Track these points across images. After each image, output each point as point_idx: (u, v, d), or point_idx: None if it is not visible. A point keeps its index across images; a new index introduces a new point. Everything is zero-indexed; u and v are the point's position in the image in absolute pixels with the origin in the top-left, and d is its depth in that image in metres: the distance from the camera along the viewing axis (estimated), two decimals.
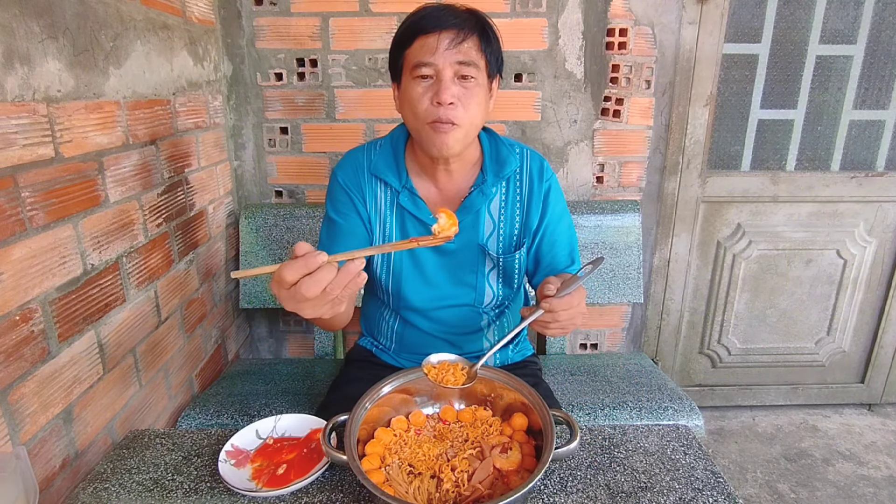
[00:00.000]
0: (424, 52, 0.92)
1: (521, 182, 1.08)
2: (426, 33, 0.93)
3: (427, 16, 0.94)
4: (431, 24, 0.92)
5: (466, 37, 0.93)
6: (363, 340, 1.26)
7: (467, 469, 0.76)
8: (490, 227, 1.07)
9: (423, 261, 1.07)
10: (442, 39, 0.91)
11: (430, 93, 0.94)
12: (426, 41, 0.92)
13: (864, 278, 2.00)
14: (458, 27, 0.92)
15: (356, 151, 1.11)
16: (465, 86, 0.94)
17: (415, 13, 0.97)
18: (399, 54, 0.97)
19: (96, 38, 1.04)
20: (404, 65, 0.97)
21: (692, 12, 1.70)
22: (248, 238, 1.70)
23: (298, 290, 0.63)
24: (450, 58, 0.92)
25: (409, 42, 0.95)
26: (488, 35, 0.96)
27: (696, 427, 1.39)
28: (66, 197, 0.96)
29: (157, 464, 0.86)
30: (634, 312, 2.00)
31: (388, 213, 1.07)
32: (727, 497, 0.77)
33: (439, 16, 0.93)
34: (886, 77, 1.82)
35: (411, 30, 0.94)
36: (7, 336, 0.83)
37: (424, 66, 0.92)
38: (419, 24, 0.94)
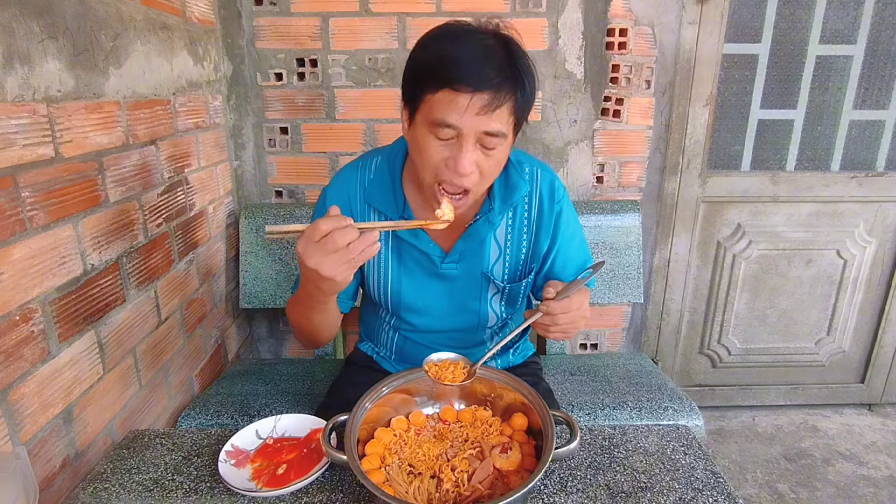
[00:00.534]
0: (450, 110, 0.78)
1: (529, 205, 1.00)
2: (457, 89, 0.77)
3: (462, 64, 0.77)
4: (465, 80, 0.77)
5: (502, 103, 0.79)
6: (363, 345, 1.24)
7: (467, 469, 0.76)
8: (496, 254, 1.01)
9: (423, 288, 1.03)
10: (474, 103, 0.77)
11: (446, 152, 0.82)
12: (455, 99, 0.78)
13: (864, 278, 2.00)
14: (495, 89, 0.77)
15: (349, 172, 1.02)
16: (487, 152, 0.83)
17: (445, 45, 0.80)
18: (418, 90, 0.82)
19: (96, 38, 1.04)
20: (421, 106, 0.82)
21: (692, 12, 1.70)
22: (248, 238, 1.70)
23: (330, 239, 0.70)
24: (478, 125, 0.79)
25: (432, 87, 0.79)
26: (525, 91, 0.82)
27: (696, 427, 1.39)
28: (66, 197, 0.96)
29: (157, 464, 0.86)
30: (634, 312, 2.00)
31: (384, 243, 1.00)
32: (727, 497, 0.77)
33: (478, 71, 0.77)
34: (886, 77, 1.82)
35: (440, 75, 0.78)
36: (7, 336, 0.83)
37: (447, 127, 0.80)
38: (451, 72, 0.77)
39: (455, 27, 0.82)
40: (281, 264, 1.70)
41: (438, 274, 1.01)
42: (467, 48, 0.79)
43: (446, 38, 0.81)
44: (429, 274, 1.01)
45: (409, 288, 1.03)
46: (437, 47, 0.81)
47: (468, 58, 0.78)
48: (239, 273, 1.71)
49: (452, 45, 0.79)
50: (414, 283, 1.02)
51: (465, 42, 0.80)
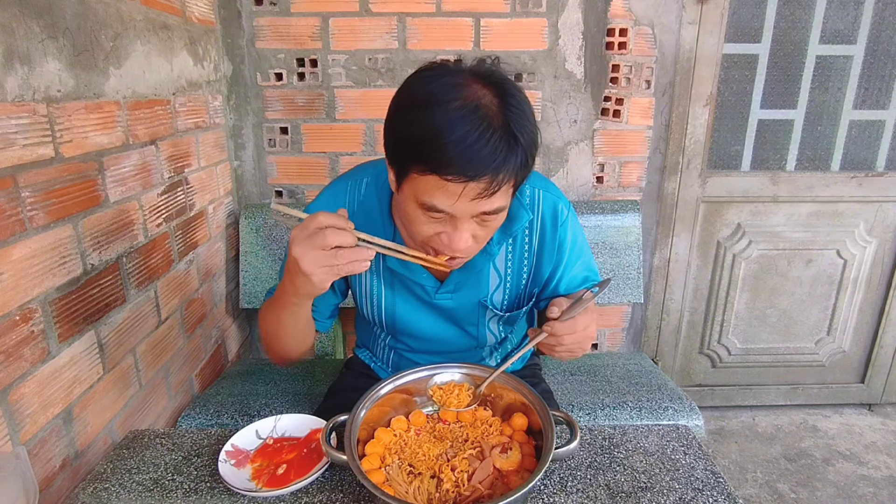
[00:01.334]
0: (438, 196, 0.69)
1: (531, 232, 0.93)
2: (447, 178, 0.66)
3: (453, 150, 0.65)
4: (457, 170, 0.65)
5: (501, 184, 0.68)
6: (361, 352, 1.20)
7: (467, 469, 0.76)
8: (496, 282, 0.95)
9: (418, 313, 0.98)
10: (468, 191, 0.68)
11: (437, 227, 0.75)
12: (446, 187, 0.67)
13: (864, 278, 2.00)
14: (492, 174, 0.66)
15: (338, 192, 0.93)
16: (485, 224, 0.76)
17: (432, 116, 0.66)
18: (403, 163, 0.71)
19: (96, 38, 1.04)
20: (407, 181, 0.72)
21: (692, 12, 1.70)
22: (248, 238, 1.70)
23: (323, 234, 0.68)
24: (473, 209, 0.71)
25: (418, 168, 0.68)
26: (527, 160, 0.70)
27: (696, 427, 1.39)
28: (66, 197, 0.96)
29: (157, 464, 0.86)
30: (634, 312, 2.00)
31: (375, 274, 0.95)
32: (727, 497, 0.77)
33: (470, 156, 0.65)
34: (886, 77, 1.82)
35: (427, 158, 0.67)
36: (7, 336, 0.83)
37: (436, 211, 0.72)
38: (440, 159, 0.66)
39: (439, 82, 0.68)
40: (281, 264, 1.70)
41: (434, 303, 0.96)
42: (458, 124, 0.65)
43: (431, 105, 0.67)
44: (423, 301, 0.97)
45: (403, 313, 0.98)
46: (422, 118, 0.67)
47: (459, 140, 0.65)
48: (239, 273, 1.71)
49: (439, 119, 0.65)
50: (408, 308, 0.98)
51: (453, 113, 0.65)
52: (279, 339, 0.92)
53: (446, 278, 0.93)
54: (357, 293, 1.01)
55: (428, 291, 0.95)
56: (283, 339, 0.92)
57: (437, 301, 0.96)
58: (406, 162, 0.71)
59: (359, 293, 1.00)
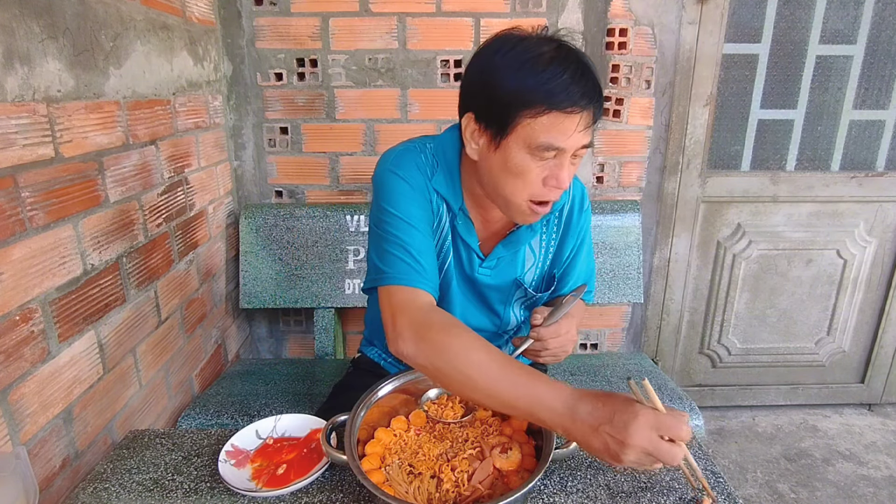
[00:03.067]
0: (557, 133, 0.78)
1: (560, 214, 1.01)
2: (565, 111, 0.76)
3: (567, 88, 0.76)
4: (572, 102, 0.76)
5: (600, 114, 0.81)
6: (370, 350, 1.20)
7: (467, 469, 0.76)
8: (531, 261, 1.01)
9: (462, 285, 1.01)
10: (582, 122, 0.78)
11: (545, 171, 0.82)
12: (563, 122, 0.77)
13: (864, 278, 2.00)
14: (596, 104, 0.79)
15: (413, 152, 0.94)
16: (574, 161, 0.84)
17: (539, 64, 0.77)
18: (511, 115, 0.79)
19: (96, 38, 1.04)
20: (516, 130, 0.79)
21: (692, 12, 1.70)
22: (248, 238, 1.70)
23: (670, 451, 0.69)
24: (579, 141, 0.80)
25: (534, 111, 0.77)
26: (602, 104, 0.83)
27: (696, 427, 1.39)
28: (66, 197, 0.96)
29: (157, 464, 0.86)
30: (634, 312, 2.00)
31: (448, 230, 0.97)
32: (727, 497, 0.77)
33: (582, 91, 0.76)
34: (886, 77, 1.82)
35: (546, 99, 0.76)
36: (7, 336, 0.83)
37: (553, 149, 0.79)
38: (558, 96, 0.76)
39: (527, 42, 0.79)
40: (281, 264, 1.70)
41: (473, 276, 0.99)
42: (563, 66, 0.76)
43: (531, 59, 0.77)
44: (464, 275, 1.00)
45: (453, 286, 1.01)
46: (529, 69, 0.77)
47: (571, 77, 0.76)
48: (239, 273, 1.71)
49: (546, 64, 0.76)
50: (456, 280, 1.01)
51: (553, 59, 0.77)
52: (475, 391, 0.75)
53: (490, 253, 0.98)
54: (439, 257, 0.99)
55: (473, 262, 0.98)
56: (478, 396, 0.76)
57: (478, 275, 0.99)
58: (516, 113, 0.78)
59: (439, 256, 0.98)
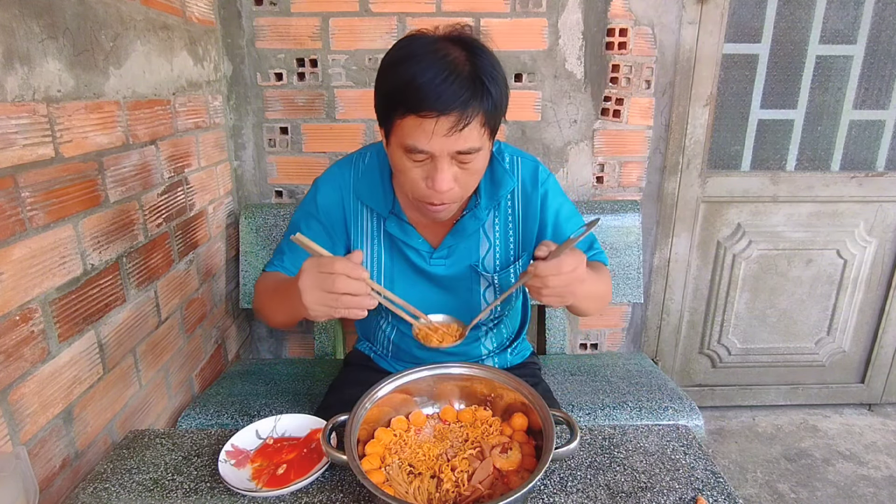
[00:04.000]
0: (417, 135, 0.78)
1: (513, 198, 1.01)
2: (421, 115, 0.76)
3: (423, 88, 0.75)
4: (429, 105, 0.75)
5: (469, 120, 0.77)
6: (361, 345, 1.24)
7: (467, 469, 0.76)
8: (486, 247, 1.02)
9: (415, 284, 1.03)
10: (440, 126, 0.76)
11: (423, 172, 0.83)
12: (421, 123, 0.76)
13: (864, 278, 2.00)
14: (461, 109, 0.75)
15: (341, 167, 1.02)
16: (464, 166, 0.82)
17: (406, 64, 0.77)
18: (387, 115, 0.81)
19: (96, 38, 1.04)
20: (393, 131, 0.82)
21: (692, 12, 1.70)
22: (248, 238, 1.70)
23: (333, 279, 0.72)
24: (448, 146, 0.78)
25: (398, 113, 0.78)
26: (494, 101, 0.79)
27: (696, 427, 1.39)
28: (66, 197, 0.96)
29: (157, 464, 0.86)
30: (634, 312, 2.00)
31: (375, 237, 1.01)
32: (727, 497, 0.77)
33: (440, 92, 0.74)
34: (886, 77, 1.82)
35: (403, 101, 0.77)
36: (7, 336, 0.83)
37: (418, 152, 0.79)
38: (413, 97, 0.76)
39: (415, 43, 0.80)
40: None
41: (429, 269, 1.01)
42: (428, 69, 0.76)
43: (407, 60, 0.78)
44: (419, 271, 1.02)
45: (402, 285, 1.03)
46: (399, 71, 0.78)
47: (429, 80, 0.75)
48: (239, 273, 1.71)
49: (413, 68, 0.76)
50: (406, 280, 1.03)
51: (425, 62, 0.76)
52: (274, 316, 0.98)
53: (440, 244, 1.00)
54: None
55: (423, 256, 1.00)
56: (278, 318, 0.97)
57: (433, 266, 1.01)
58: (390, 113, 0.80)
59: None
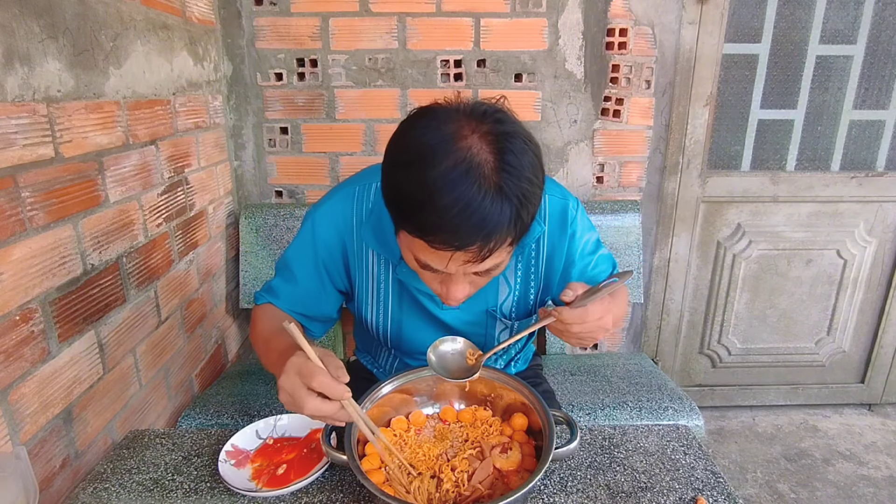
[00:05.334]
0: (430, 257, 0.68)
1: (538, 244, 0.91)
2: (434, 246, 0.64)
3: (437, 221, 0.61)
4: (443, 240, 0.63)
5: (494, 249, 0.65)
6: (363, 357, 1.18)
7: (467, 469, 0.76)
8: (505, 292, 0.93)
9: (425, 323, 0.96)
10: (457, 258, 0.65)
11: (437, 277, 0.74)
12: (436, 252, 0.65)
13: (864, 278, 2.00)
14: (483, 242, 0.62)
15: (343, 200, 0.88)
16: (484, 276, 0.75)
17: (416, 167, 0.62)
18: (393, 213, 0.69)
19: (96, 38, 1.04)
20: (402, 232, 0.70)
21: (692, 12, 1.70)
22: (248, 238, 1.70)
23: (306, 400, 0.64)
24: (466, 269, 0.69)
25: (408, 228, 0.66)
26: (524, 222, 0.65)
27: (696, 427, 1.39)
28: (66, 197, 0.96)
29: (157, 464, 0.86)
30: (634, 312, 2.00)
31: (384, 281, 0.92)
32: (727, 497, 0.77)
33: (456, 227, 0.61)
34: (886, 77, 1.82)
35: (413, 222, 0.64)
36: (7, 336, 0.83)
37: (433, 270, 0.71)
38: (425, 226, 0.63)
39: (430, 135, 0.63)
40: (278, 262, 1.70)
41: (440, 315, 0.94)
42: (447, 189, 0.60)
43: (419, 163, 0.62)
44: (429, 316, 0.95)
45: (409, 328, 0.97)
46: (412, 178, 0.63)
47: (446, 208, 0.60)
48: (239, 273, 1.71)
49: (429, 182, 0.61)
50: (414, 325, 0.96)
51: (445, 176, 0.60)
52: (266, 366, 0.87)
53: None
54: (364, 308, 0.96)
55: (436, 301, 0.92)
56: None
57: (445, 312, 0.94)
58: (398, 219, 0.69)
59: (366, 308, 0.96)
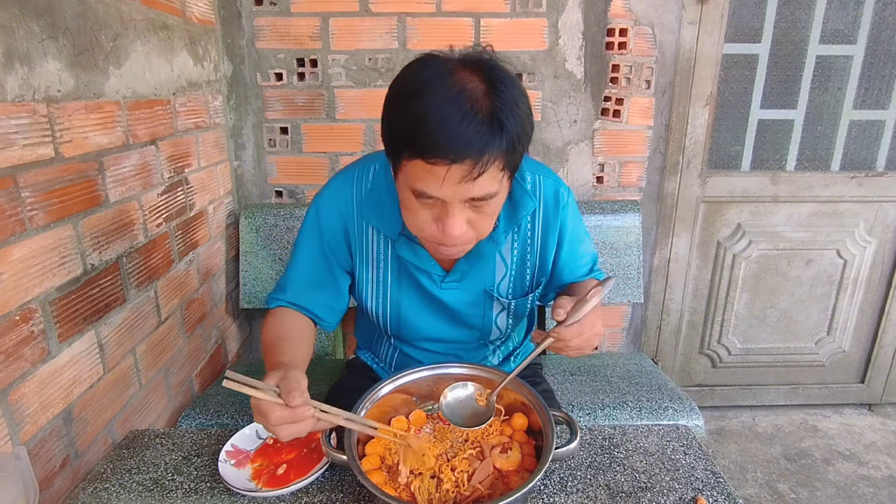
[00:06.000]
0: (426, 180, 0.70)
1: (533, 220, 0.93)
2: (430, 161, 0.67)
3: (434, 133, 0.66)
4: (439, 152, 0.66)
5: (486, 167, 0.68)
6: (363, 354, 1.19)
7: (467, 469, 0.76)
8: (502, 272, 0.95)
9: (424, 304, 0.97)
10: (452, 174, 0.68)
11: (433, 214, 0.76)
12: (431, 171, 0.68)
13: (864, 278, 2.00)
14: (476, 157, 0.67)
15: (343, 183, 0.93)
16: (478, 210, 0.75)
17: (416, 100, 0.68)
18: (394, 151, 0.73)
19: (96, 38, 1.04)
20: (400, 169, 0.74)
21: (692, 12, 1.70)
22: (248, 238, 1.70)
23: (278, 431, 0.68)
24: (461, 193, 0.71)
25: (406, 154, 0.70)
26: (514, 143, 0.70)
27: (696, 427, 1.39)
28: (66, 197, 0.96)
29: (157, 464, 0.86)
30: (634, 312, 2.00)
31: (383, 260, 0.95)
32: (727, 497, 0.77)
33: (453, 138, 0.66)
34: (886, 77, 1.82)
35: (411, 143, 0.69)
36: (7, 336, 0.83)
37: (427, 197, 0.72)
38: (422, 141, 0.67)
39: (427, 71, 0.71)
40: (281, 264, 1.70)
41: (439, 295, 0.95)
42: (440, 107, 0.67)
43: (417, 94, 0.69)
44: (428, 296, 0.96)
45: (409, 309, 0.98)
46: (409, 106, 0.69)
47: (441, 123, 0.66)
48: (239, 273, 1.71)
49: (424, 105, 0.67)
50: (413, 303, 0.97)
51: (437, 97, 0.67)
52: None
53: (453, 267, 0.93)
54: (364, 290, 0.98)
55: (434, 280, 0.94)
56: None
57: (444, 291, 0.95)
58: (398, 150, 0.72)
59: (366, 290, 0.98)
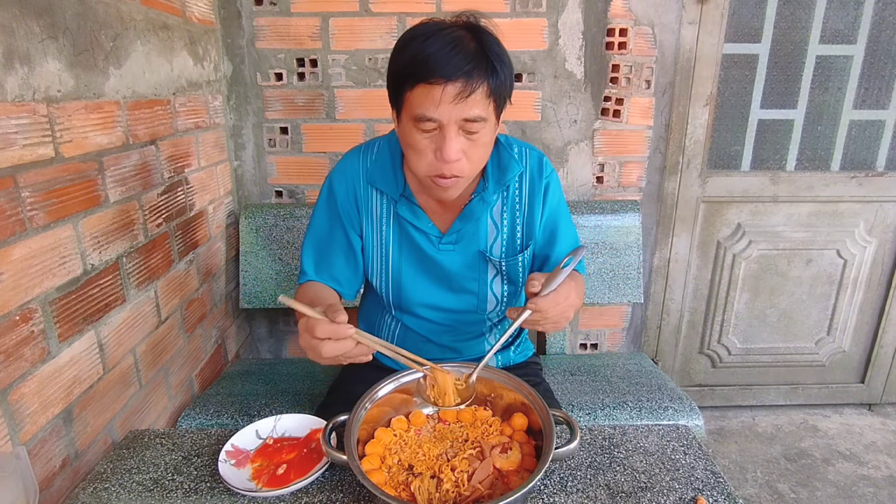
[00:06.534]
0: (427, 104, 0.83)
1: (521, 183, 1.04)
2: (429, 82, 0.82)
3: (431, 59, 0.81)
4: (436, 73, 0.81)
5: (475, 88, 0.82)
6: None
7: (467, 469, 0.76)
8: (493, 233, 1.04)
9: (423, 268, 1.06)
10: (447, 92, 0.81)
11: (432, 144, 0.87)
12: (429, 91, 0.82)
13: (864, 278, 2.00)
14: (466, 77, 0.81)
15: (352, 156, 1.07)
16: (471, 137, 0.87)
17: (415, 41, 0.84)
18: (399, 90, 0.87)
19: (96, 38, 1.04)
20: (404, 105, 0.87)
21: (692, 12, 1.70)
22: (248, 238, 1.70)
23: (321, 347, 0.74)
24: (455, 113, 0.83)
25: (409, 84, 0.84)
26: (498, 74, 0.85)
27: (696, 427, 1.39)
28: (66, 197, 0.96)
29: (157, 464, 0.86)
30: (634, 312, 2.00)
31: (385, 222, 1.05)
32: (727, 497, 0.77)
33: (446, 61, 0.81)
34: (886, 77, 1.82)
35: (414, 72, 0.83)
36: (7, 336, 0.83)
37: (427, 120, 0.84)
38: (421, 68, 0.82)
39: (427, 25, 0.86)
40: (281, 264, 1.70)
41: (437, 255, 1.04)
42: (437, 43, 0.82)
43: (418, 38, 0.84)
44: (427, 259, 1.05)
45: (409, 272, 1.06)
46: (408, 48, 0.84)
47: (437, 51, 0.81)
48: (239, 273, 1.71)
49: (423, 43, 0.83)
50: (413, 266, 1.06)
51: (435, 38, 0.83)
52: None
53: (449, 228, 1.03)
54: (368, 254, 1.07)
55: (432, 241, 1.03)
56: None
57: (441, 253, 1.04)
58: (401, 85, 0.85)
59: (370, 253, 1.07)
